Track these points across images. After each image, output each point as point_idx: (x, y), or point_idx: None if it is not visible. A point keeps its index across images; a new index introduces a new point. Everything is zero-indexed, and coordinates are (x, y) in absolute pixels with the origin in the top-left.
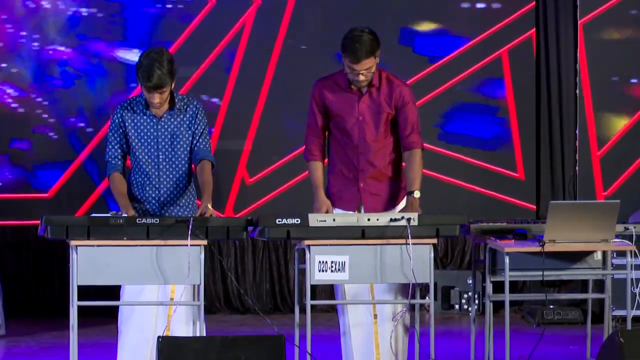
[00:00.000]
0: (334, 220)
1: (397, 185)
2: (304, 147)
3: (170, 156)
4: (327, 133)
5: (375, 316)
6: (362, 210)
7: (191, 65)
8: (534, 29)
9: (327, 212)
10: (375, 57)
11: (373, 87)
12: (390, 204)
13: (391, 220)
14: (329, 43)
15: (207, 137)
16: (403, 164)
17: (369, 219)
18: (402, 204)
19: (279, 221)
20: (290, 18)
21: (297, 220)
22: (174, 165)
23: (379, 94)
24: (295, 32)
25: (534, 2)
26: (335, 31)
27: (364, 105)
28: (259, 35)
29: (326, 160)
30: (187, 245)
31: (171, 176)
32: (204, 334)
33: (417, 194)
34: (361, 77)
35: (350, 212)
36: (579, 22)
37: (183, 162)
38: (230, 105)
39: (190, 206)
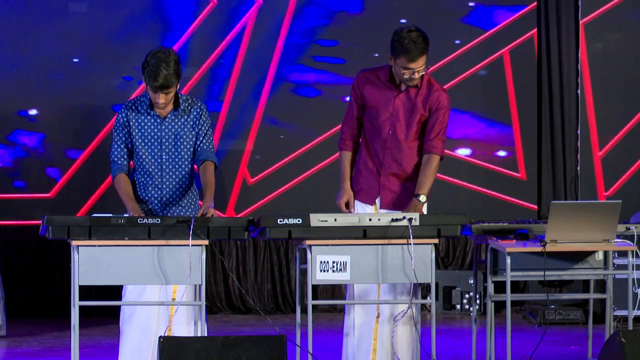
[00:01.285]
0: (335, 220)
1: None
2: (340, 134)
3: (173, 156)
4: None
5: (378, 315)
6: (379, 204)
7: (193, 65)
8: (536, 29)
9: (347, 202)
10: (426, 54)
11: (414, 86)
12: (404, 204)
13: (393, 220)
14: (331, 43)
15: (211, 138)
16: None
17: (370, 219)
18: None
19: (280, 221)
20: (292, 18)
21: (299, 221)
22: (177, 166)
23: (417, 94)
24: (297, 32)
25: (536, 2)
26: (337, 31)
27: (400, 102)
28: (261, 35)
29: None
30: (188, 245)
31: (174, 176)
32: (206, 334)
33: (422, 199)
34: (416, 75)
35: (368, 205)
36: (580, 23)
37: (186, 162)
38: (231, 105)
39: (192, 206)
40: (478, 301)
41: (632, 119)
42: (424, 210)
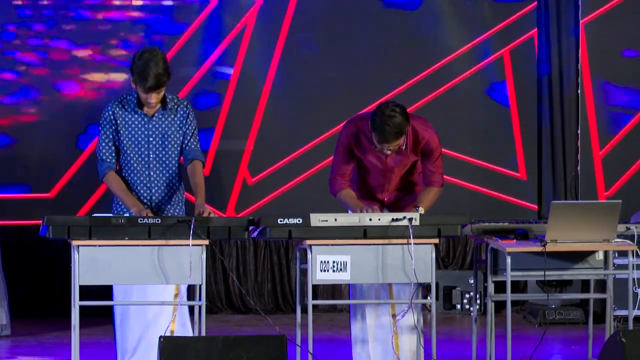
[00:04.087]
0: (335, 220)
1: (413, 193)
2: (330, 185)
3: (160, 155)
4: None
5: (394, 315)
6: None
7: (193, 65)
8: (536, 29)
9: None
10: (404, 134)
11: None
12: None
13: (393, 220)
14: (331, 43)
15: (197, 138)
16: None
17: (370, 219)
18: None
19: (280, 221)
20: (292, 18)
21: (299, 220)
22: (164, 165)
23: (405, 145)
24: (297, 32)
25: (536, 2)
26: (338, 31)
27: (391, 160)
28: (261, 35)
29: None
30: (188, 245)
31: (161, 175)
32: (204, 334)
33: (421, 210)
34: (388, 152)
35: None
36: (580, 22)
37: (173, 161)
38: (232, 105)
39: (181, 203)
40: (478, 301)
41: (632, 118)
42: None
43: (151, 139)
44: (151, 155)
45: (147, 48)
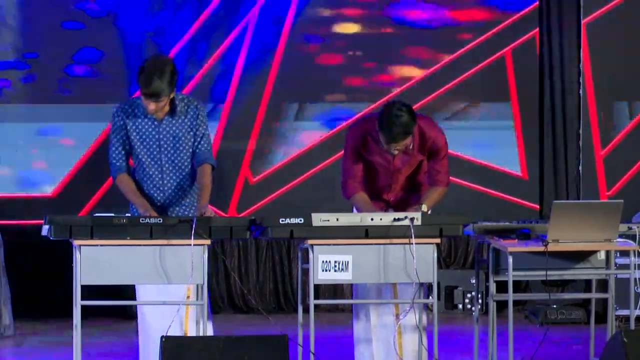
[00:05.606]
0: (337, 219)
1: (418, 192)
2: (343, 188)
3: (172, 158)
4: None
5: (398, 315)
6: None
7: (194, 65)
8: (537, 29)
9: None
10: (412, 134)
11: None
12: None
13: (395, 220)
14: (332, 43)
15: (209, 139)
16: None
17: (372, 219)
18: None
19: (282, 221)
20: (293, 18)
21: (301, 220)
22: (177, 167)
23: (412, 145)
24: (299, 32)
25: (538, 2)
26: (339, 30)
27: (398, 160)
28: (263, 34)
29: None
30: (190, 245)
31: (175, 177)
32: (210, 334)
33: (424, 207)
34: (396, 152)
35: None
36: (582, 22)
37: (186, 163)
38: (233, 104)
39: (194, 206)
40: (480, 301)
41: (634, 118)
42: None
43: (162, 142)
44: (163, 159)
45: (159, 56)
